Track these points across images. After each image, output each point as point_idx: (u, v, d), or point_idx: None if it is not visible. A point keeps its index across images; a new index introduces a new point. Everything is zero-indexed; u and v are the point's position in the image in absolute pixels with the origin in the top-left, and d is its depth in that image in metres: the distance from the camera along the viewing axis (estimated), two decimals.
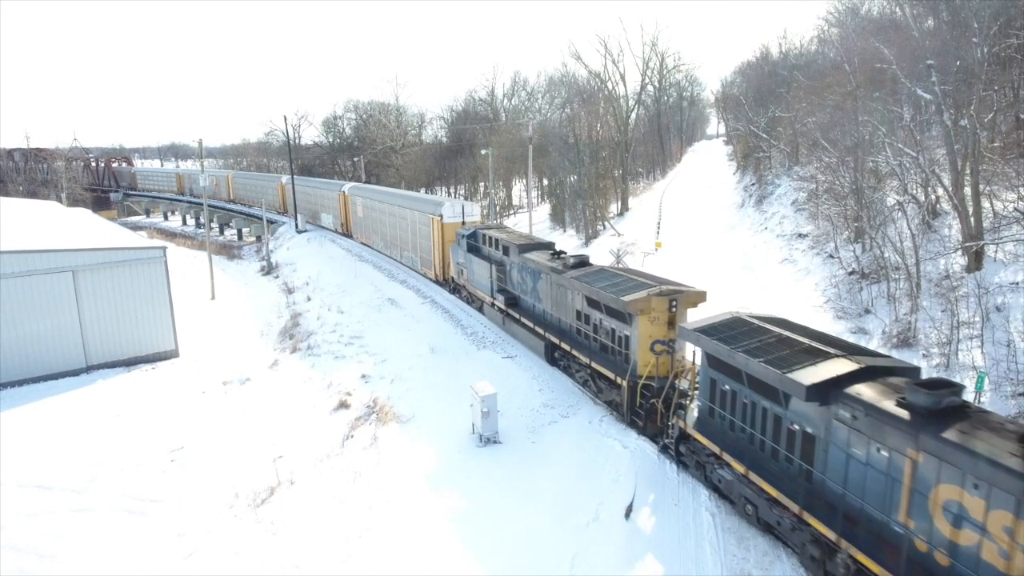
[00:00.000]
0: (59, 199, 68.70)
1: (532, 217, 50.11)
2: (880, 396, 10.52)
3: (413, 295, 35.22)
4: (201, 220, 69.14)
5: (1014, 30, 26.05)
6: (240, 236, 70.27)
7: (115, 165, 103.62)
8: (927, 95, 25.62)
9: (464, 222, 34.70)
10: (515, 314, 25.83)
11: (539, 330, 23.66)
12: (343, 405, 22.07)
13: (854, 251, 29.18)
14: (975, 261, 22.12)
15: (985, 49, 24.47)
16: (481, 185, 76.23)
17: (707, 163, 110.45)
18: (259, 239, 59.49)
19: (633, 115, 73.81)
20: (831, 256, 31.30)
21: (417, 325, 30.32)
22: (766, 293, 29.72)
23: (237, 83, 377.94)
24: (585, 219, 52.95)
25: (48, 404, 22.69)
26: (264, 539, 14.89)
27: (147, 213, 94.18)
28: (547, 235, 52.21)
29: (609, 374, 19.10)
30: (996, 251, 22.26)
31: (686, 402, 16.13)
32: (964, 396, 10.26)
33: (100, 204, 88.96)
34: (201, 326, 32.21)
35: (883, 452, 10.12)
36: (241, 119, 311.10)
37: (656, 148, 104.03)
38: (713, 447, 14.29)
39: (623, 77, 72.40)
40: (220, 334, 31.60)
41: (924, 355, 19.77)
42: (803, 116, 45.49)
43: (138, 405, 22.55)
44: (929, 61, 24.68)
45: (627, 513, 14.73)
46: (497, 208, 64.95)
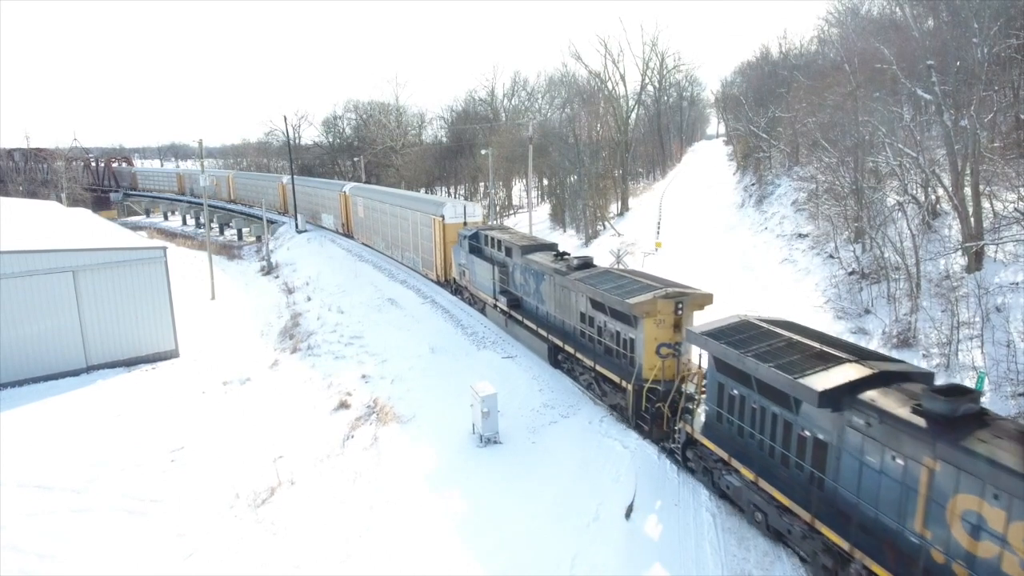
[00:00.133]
0: (59, 199, 68.70)
1: (532, 217, 50.09)
2: (895, 403, 10.32)
3: (413, 295, 35.23)
4: (201, 220, 69.16)
5: (1014, 30, 26.08)
6: (240, 236, 70.28)
7: (115, 165, 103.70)
8: (927, 95, 25.64)
9: (466, 223, 34.38)
10: (518, 316, 25.62)
11: (542, 332, 23.44)
12: (343, 405, 22.07)
13: (854, 251, 29.18)
14: (975, 261, 22.13)
15: (985, 49, 24.49)
16: (481, 185, 76.26)
17: (707, 163, 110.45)
18: (259, 239, 59.49)
19: (633, 115, 73.87)
20: (831, 256, 31.30)
21: (417, 325, 30.32)
22: (766, 293, 29.73)
23: (237, 83, 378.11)
24: (585, 219, 52.94)
25: (48, 404, 22.71)
26: (264, 539, 14.90)
27: (147, 213, 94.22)
28: (547, 235, 52.26)
29: (614, 377, 18.80)
30: (996, 251, 22.26)
31: (693, 406, 15.87)
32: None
33: (100, 204, 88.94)
34: (201, 326, 32.22)
35: (898, 460, 9.91)
36: (241, 119, 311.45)
37: (656, 148, 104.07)
38: (721, 453, 14.09)
39: (623, 77, 72.56)
40: (220, 334, 31.62)
41: (924, 355, 19.77)
42: (803, 116, 45.50)
43: (138, 405, 22.57)
44: (929, 61, 24.71)
45: (627, 513, 14.73)
46: (497, 208, 64.94)
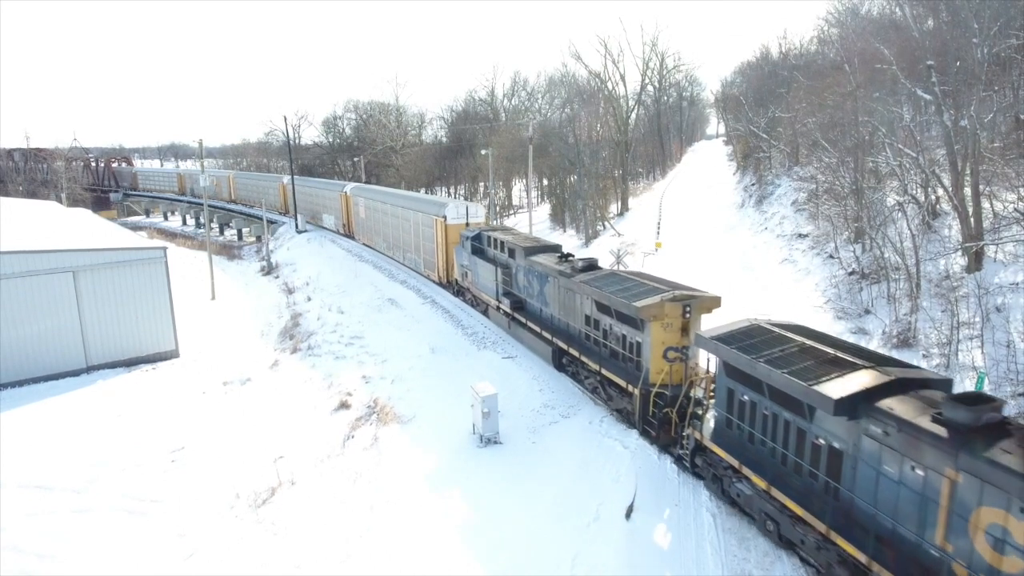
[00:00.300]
0: (59, 199, 68.75)
1: (532, 217, 50.11)
2: (914, 411, 10.01)
3: (413, 295, 35.23)
4: (201, 220, 69.17)
5: (1014, 30, 26.11)
6: (240, 236, 70.31)
7: (115, 165, 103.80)
8: (927, 95, 25.65)
9: (468, 223, 34.10)
10: (521, 318, 25.32)
11: (546, 335, 23.15)
12: (344, 405, 22.08)
13: (854, 251, 29.19)
14: (975, 261, 22.13)
15: (985, 49, 24.54)
16: (481, 185, 76.28)
17: (707, 163, 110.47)
18: (259, 239, 59.50)
19: (633, 115, 73.82)
20: (831, 256, 31.30)
21: (417, 325, 30.32)
22: (766, 293, 29.73)
23: (237, 83, 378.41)
24: (585, 219, 52.94)
25: (48, 404, 22.73)
26: (265, 539, 14.92)
27: (147, 213, 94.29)
28: (547, 235, 52.26)
29: (620, 381, 18.43)
30: (996, 251, 22.27)
31: (701, 412, 15.57)
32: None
33: (100, 204, 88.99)
34: (201, 326, 32.23)
35: (918, 471, 9.60)
36: (241, 119, 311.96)
37: (656, 148, 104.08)
38: (732, 460, 13.77)
39: (623, 77, 72.54)
40: (220, 334, 31.63)
41: (924, 355, 19.78)
42: (803, 116, 45.51)
43: (138, 405, 22.59)
44: (929, 61, 24.72)
45: (628, 513, 14.73)
46: (497, 208, 64.92)
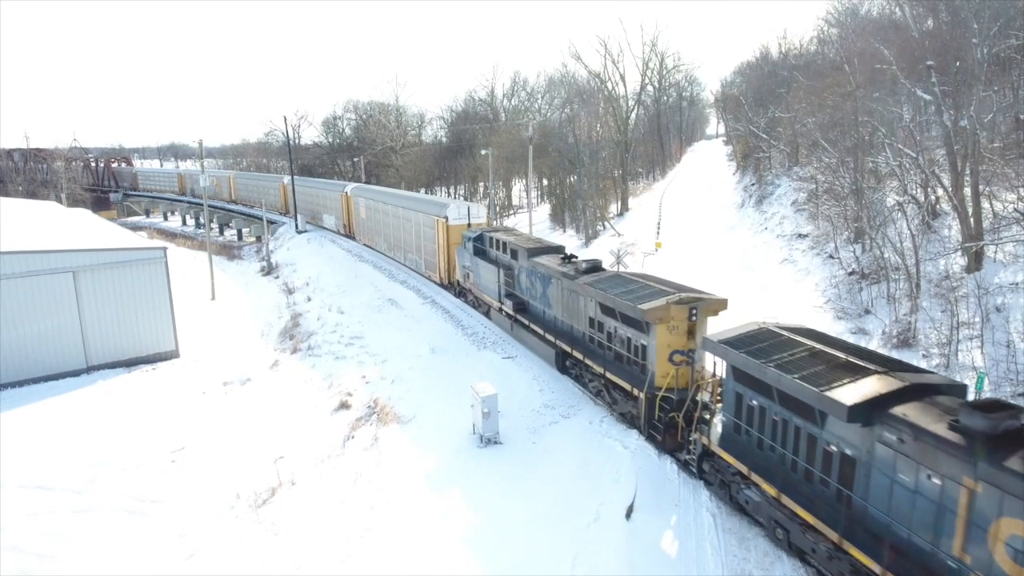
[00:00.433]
0: (59, 199, 68.77)
1: (532, 217, 50.12)
2: (929, 418, 9.79)
3: (413, 295, 35.23)
4: (201, 220, 69.17)
5: (1014, 30, 26.14)
6: (240, 236, 70.32)
7: (115, 165, 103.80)
8: (927, 95, 25.66)
9: (470, 224, 33.88)
10: (524, 320, 25.12)
11: (549, 337, 22.97)
12: (344, 406, 22.09)
13: (854, 251, 29.20)
14: (975, 262, 22.15)
15: (985, 49, 24.55)
16: (481, 185, 76.31)
17: (707, 163, 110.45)
18: (259, 239, 59.51)
19: (633, 115, 73.83)
20: (831, 256, 31.31)
21: (417, 326, 30.32)
22: (766, 293, 29.75)
23: (237, 83, 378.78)
24: (585, 219, 52.95)
25: (49, 405, 22.73)
26: (265, 539, 14.93)
27: (147, 213, 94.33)
28: (547, 235, 52.26)
29: (625, 385, 18.19)
30: (996, 252, 22.29)
31: (708, 416, 15.33)
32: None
33: (100, 204, 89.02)
34: (201, 326, 32.23)
35: (935, 480, 9.38)
36: (241, 119, 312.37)
37: (656, 148, 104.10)
38: (740, 466, 13.56)
39: (623, 77, 72.43)
40: (220, 334, 31.64)
41: (924, 355, 19.79)
42: (803, 116, 45.49)
43: (139, 405, 22.59)
44: (929, 62, 24.73)
45: (628, 513, 14.72)
46: (497, 208, 64.93)
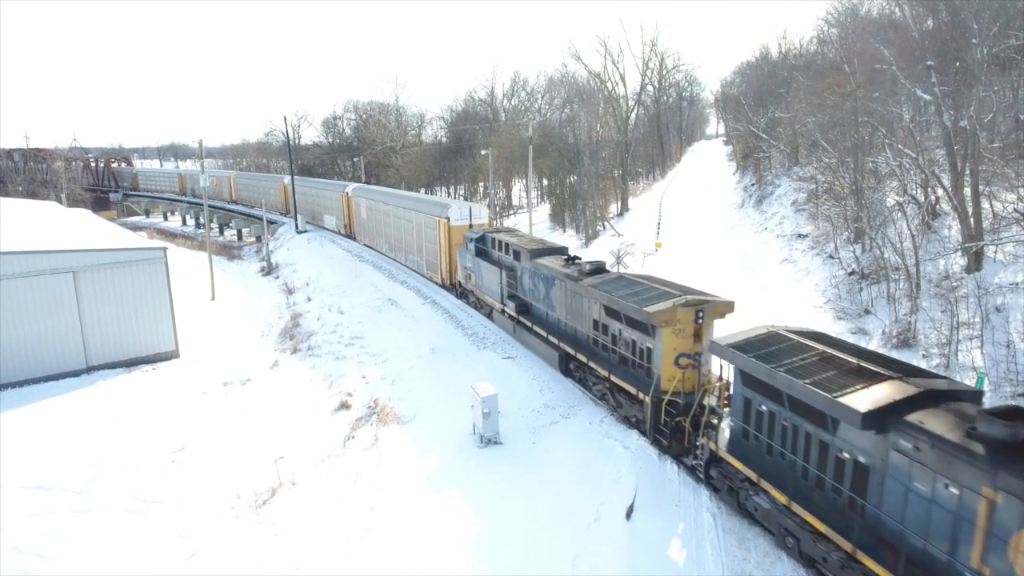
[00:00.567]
0: (59, 199, 68.76)
1: (532, 217, 50.12)
2: (946, 425, 9.58)
3: (413, 296, 35.23)
4: (201, 220, 69.17)
5: (1014, 31, 26.14)
6: (240, 236, 70.31)
7: (115, 165, 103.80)
8: (927, 95, 25.66)
9: (472, 225, 33.71)
10: (527, 322, 24.90)
11: (552, 340, 22.65)
12: (344, 406, 22.09)
13: (854, 251, 29.21)
14: (975, 262, 22.16)
15: (985, 50, 24.55)
16: (481, 185, 76.30)
17: (707, 163, 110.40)
18: (259, 239, 59.49)
19: (633, 115, 73.87)
20: (831, 256, 31.32)
21: (417, 326, 30.32)
22: (766, 293, 29.75)
23: (237, 83, 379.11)
24: (585, 219, 52.95)
25: (49, 405, 22.73)
26: (265, 540, 14.93)
27: (147, 213, 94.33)
28: (547, 235, 52.27)
29: (630, 389, 17.93)
30: (996, 252, 22.30)
31: (716, 421, 15.12)
32: None
33: (100, 204, 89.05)
34: (201, 327, 32.23)
35: (952, 489, 9.18)
36: (241, 119, 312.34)
37: (656, 148, 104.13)
38: (749, 473, 13.30)
39: (623, 77, 72.53)
40: (220, 335, 31.63)
41: (924, 355, 19.80)
42: (803, 116, 45.49)
43: (139, 406, 22.59)
44: (929, 62, 24.72)
45: (628, 514, 14.74)
46: (497, 208, 64.93)
